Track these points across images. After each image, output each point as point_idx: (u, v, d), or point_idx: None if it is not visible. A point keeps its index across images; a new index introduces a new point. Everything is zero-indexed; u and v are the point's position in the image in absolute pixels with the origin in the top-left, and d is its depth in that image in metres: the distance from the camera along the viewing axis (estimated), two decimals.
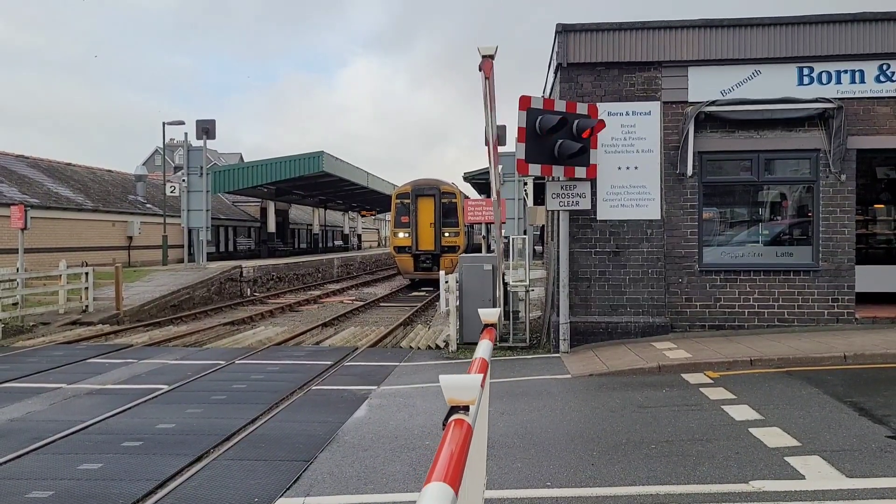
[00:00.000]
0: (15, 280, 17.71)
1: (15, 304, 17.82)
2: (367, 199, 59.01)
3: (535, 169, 11.88)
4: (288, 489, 6.17)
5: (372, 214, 76.20)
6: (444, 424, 2.70)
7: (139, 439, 7.79)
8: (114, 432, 8.11)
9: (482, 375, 3.42)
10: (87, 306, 19.29)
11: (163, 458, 7.10)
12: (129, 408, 9.27)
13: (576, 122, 11.82)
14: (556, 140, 11.73)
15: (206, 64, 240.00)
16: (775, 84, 12.40)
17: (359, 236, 74.51)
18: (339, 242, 70.93)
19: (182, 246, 36.80)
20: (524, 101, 11.67)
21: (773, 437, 7.01)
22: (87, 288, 19.41)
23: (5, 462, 6.98)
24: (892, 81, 12.25)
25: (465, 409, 2.77)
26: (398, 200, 32.45)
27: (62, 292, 19.04)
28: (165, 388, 10.51)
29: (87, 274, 19.41)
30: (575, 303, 12.59)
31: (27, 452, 7.30)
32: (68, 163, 39.71)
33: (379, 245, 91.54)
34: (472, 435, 2.72)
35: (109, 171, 43.95)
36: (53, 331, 17.20)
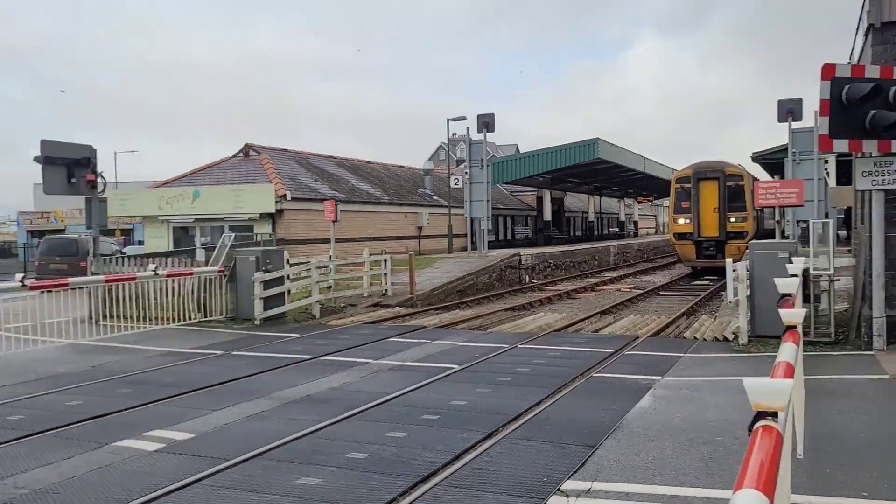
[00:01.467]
0: (328, 266, 20.10)
1: (329, 288, 20.24)
2: (643, 184, 57.44)
3: (840, 145, 10.68)
4: (574, 472, 6.28)
5: (648, 200, 74.01)
6: (749, 430, 2.58)
7: (436, 413, 8.43)
8: (414, 405, 8.87)
9: (792, 381, 3.20)
10: (386, 290, 21.28)
11: (457, 432, 7.61)
12: (426, 384, 10.06)
13: (893, 88, 10.38)
14: (868, 111, 10.41)
15: (493, 60, 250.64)
16: None
17: (635, 223, 72.88)
18: (614, 230, 70.00)
19: (465, 235, 38.94)
20: (827, 70, 10.52)
21: None
22: (385, 274, 21.41)
23: (329, 425, 7.99)
24: None
25: (774, 415, 2.61)
26: (678, 185, 31.14)
27: (365, 277, 21.21)
28: (456, 367, 11.23)
29: (385, 261, 21.41)
30: (892, 294, 11.11)
31: (345, 418, 8.27)
32: (367, 161, 44.04)
33: (656, 232, 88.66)
34: (782, 444, 2.56)
35: (401, 166, 47.94)
36: (359, 312, 19.23)
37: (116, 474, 6.47)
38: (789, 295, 4.53)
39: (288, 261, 18.02)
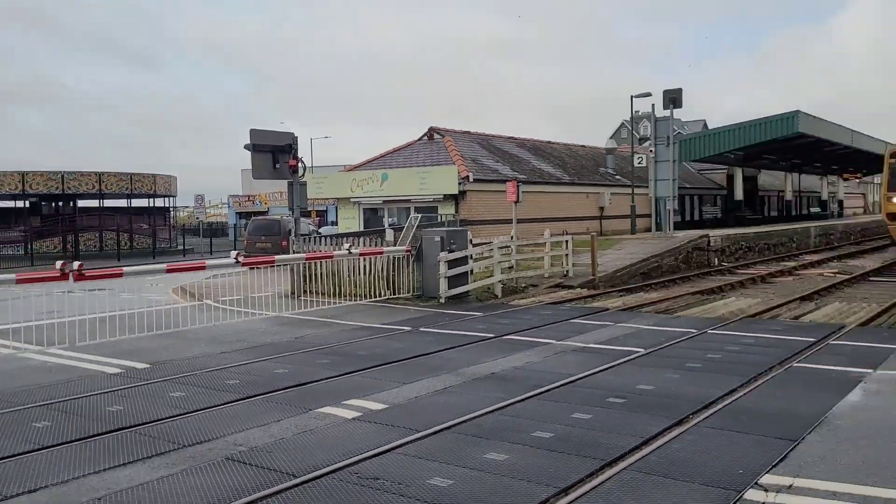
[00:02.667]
0: (510, 247, 20.31)
1: (510, 268, 20.47)
2: (850, 160, 52.49)
3: None
4: (774, 466, 5.94)
5: (857, 177, 67.53)
6: None
7: (621, 397, 8.30)
8: (599, 387, 8.79)
9: None
10: (567, 271, 21.17)
11: (644, 417, 7.45)
12: (611, 367, 9.92)
13: None
14: None
15: (685, 31, 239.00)
16: None
17: (839, 202, 66.80)
18: (815, 209, 64.59)
19: (649, 215, 37.72)
20: None
21: None
22: (567, 255, 21.28)
23: (513, 403, 8.12)
24: None
25: None
26: (893, 160, 28.15)
27: (546, 258, 21.21)
28: (641, 351, 10.97)
29: (566, 242, 21.28)
30: None
31: (529, 397, 8.37)
32: (548, 141, 43.84)
33: (864, 212, 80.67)
34: None
35: (583, 146, 47.24)
36: (540, 292, 19.28)
37: (321, 437, 7.01)
38: None
39: (471, 241, 18.43)
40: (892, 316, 14.51)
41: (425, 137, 36.52)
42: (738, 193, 47.97)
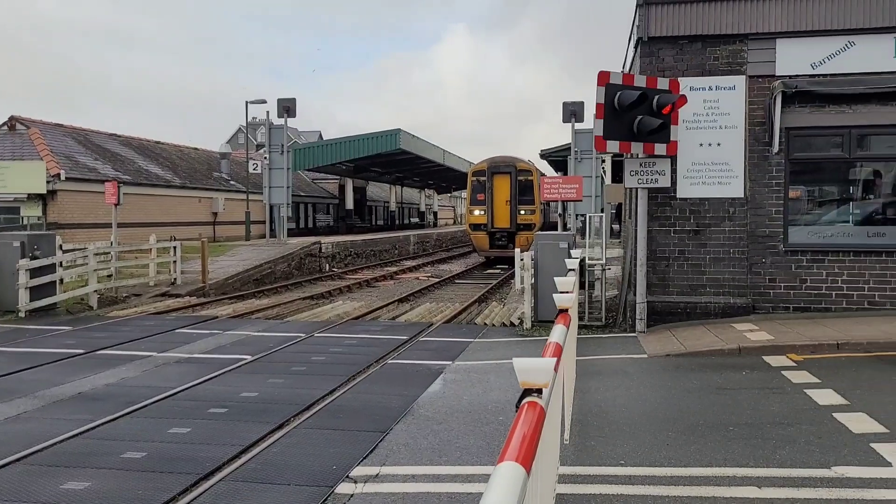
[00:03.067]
0: (109, 253, 18.64)
1: (109, 276, 18.77)
2: (443, 176, 59.24)
3: (613, 146, 11.68)
4: (364, 458, 6.36)
5: (448, 192, 76.47)
6: (517, 406, 2.74)
7: (224, 406, 8.14)
8: (201, 399, 8.50)
9: (556, 359, 3.44)
10: (175, 279, 20.15)
11: (246, 425, 7.41)
12: (215, 376, 9.68)
13: (656, 97, 11.53)
14: (636, 116, 11.48)
15: (309, 43, 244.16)
16: (870, 56, 11.78)
17: (434, 213, 74.99)
18: (415, 219, 71.56)
19: (264, 222, 37.87)
20: (603, 77, 11.46)
21: (859, 422, 6.77)
22: (175, 261, 20.26)
23: (102, 424, 7.43)
24: None
25: (538, 391, 2.81)
26: (474, 178, 32.46)
27: (152, 265, 19.94)
28: (249, 358, 10.92)
29: (174, 248, 20.25)
30: (652, 282, 12.39)
31: (122, 416, 7.74)
32: (157, 141, 41.33)
33: (454, 222, 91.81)
34: (544, 418, 2.75)
35: (196, 148, 45.53)
36: (144, 302, 18.04)
37: None
38: (567, 311, 4.90)
39: (60, 246, 16.49)
40: (469, 313, 16.68)
41: (5, 127, 31.67)
42: (349, 203, 50.92)
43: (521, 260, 14.01)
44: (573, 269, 9.68)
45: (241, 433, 7.12)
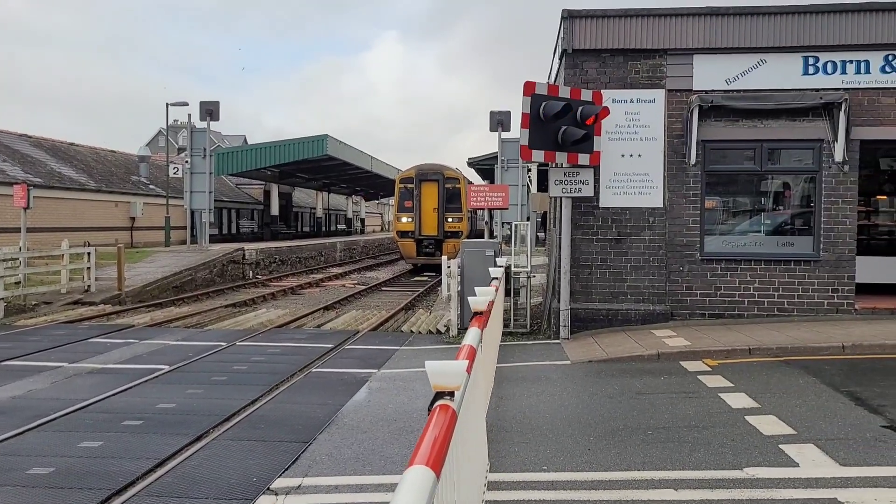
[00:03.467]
0: (17, 259, 17.76)
1: (17, 283, 17.88)
2: (370, 183, 58.94)
3: (538, 155, 11.87)
4: (286, 469, 6.23)
5: (375, 199, 76.14)
6: (429, 409, 2.73)
7: (139, 418, 7.85)
8: (114, 411, 8.18)
9: (468, 362, 3.45)
10: (89, 286, 19.36)
11: (163, 437, 7.16)
12: (130, 387, 9.33)
13: (580, 108, 11.79)
14: (560, 126, 11.70)
15: (236, 45, 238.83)
16: (780, 73, 12.36)
17: (362, 220, 74.51)
18: (342, 226, 70.93)
19: (185, 227, 36.78)
20: (528, 87, 11.63)
21: (769, 424, 7.05)
22: (89, 268, 19.47)
23: (7, 439, 7.05)
24: None
25: (451, 394, 2.80)
26: (402, 185, 32.42)
27: (64, 272, 19.11)
28: (166, 368, 10.57)
29: (89, 254, 19.46)
30: (576, 289, 12.62)
31: (28, 430, 7.36)
32: (71, 143, 39.69)
33: (382, 229, 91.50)
34: (456, 420, 2.74)
35: (113, 151, 43.93)
36: (55, 310, 17.27)
37: None
38: (481, 314, 4.92)
39: None
40: (396, 321, 16.61)
41: None
42: (275, 209, 50.01)
43: (448, 267, 14.06)
44: (496, 278, 9.79)
45: (157, 446, 6.88)
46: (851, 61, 12.26)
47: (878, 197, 15.07)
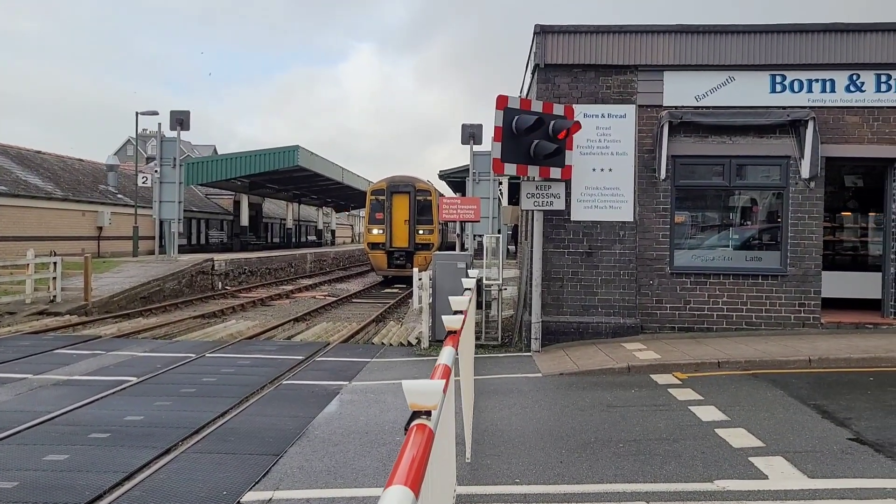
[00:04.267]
0: None
1: None
2: (341, 194, 58.73)
3: (510, 168, 11.94)
4: (257, 483, 6.16)
5: (346, 210, 75.88)
6: (405, 429, 2.73)
7: (106, 431, 7.71)
8: (81, 424, 8.02)
9: (444, 381, 3.45)
10: (54, 296, 19.00)
11: (130, 451, 7.04)
12: (97, 399, 9.16)
13: (552, 122, 11.89)
14: (532, 140, 11.79)
15: (213, 55, 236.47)
16: (748, 91, 12.61)
17: (332, 232, 74.19)
18: (312, 238, 70.52)
19: (153, 237, 36.30)
20: (501, 101, 11.71)
21: (738, 437, 7.13)
22: (55, 278, 19.12)
23: None
24: (862, 91, 12.51)
25: (427, 414, 2.80)
26: (373, 197, 32.39)
27: (29, 282, 18.74)
28: (134, 380, 10.40)
29: (55, 263, 19.12)
30: (547, 302, 12.69)
31: None
32: (38, 150, 39.03)
33: (353, 241, 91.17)
34: (433, 440, 2.74)
35: (80, 160, 43.29)
36: (20, 320, 16.91)
37: None
38: (456, 332, 4.93)
39: None
40: (367, 333, 16.55)
41: None
42: (245, 219, 49.60)
43: (420, 279, 14.05)
44: (469, 289, 9.79)
45: (125, 459, 6.76)
46: (817, 80, 12.55)
47: (843, 213, 15.41)
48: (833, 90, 12.54)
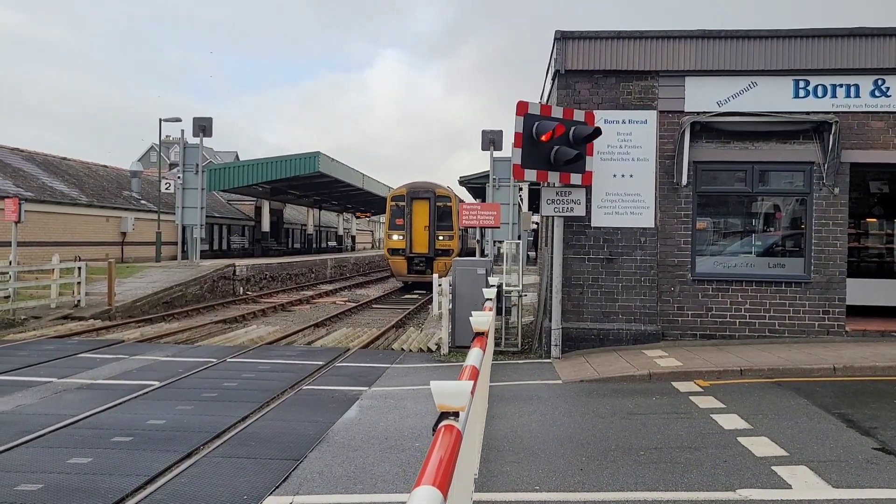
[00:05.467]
0: (7, 273, 17.65)
1: (7, 298, 17.76)
2: (361, 200, 58.97)
3: (530, 174, 11.93)
4: (277, 487, 6.18)
5: (366, 216, 76.14)
6: (434, 430, 2.73)
7: (129, 434, 7.78)
8: (104, 427, 8.11)
9: (472, 382, 3.45)
10: (79, 301, 19.24)
11: (153, 454, 7.10)
12: (120, 403, 9.26)
13: (572, 128, 11.87)
14: (553, 146, 11.77)
15: (241, 63, 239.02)
16: (771, 96, 12.49)
17: (353, 237, 74.47)
18: (332, 243, 70.85)
19: (176, 243, 36.69)
20: (521, 107, 11.71)
21: (761, 446, 7.05)
22: (79, 283, 19.36)
23: None
24: (887, 96, 12.36)
25: (455, 415, 2.80)
26: (393, 203, 32.46)
27: (54, 286, 18.99)
28: (156, 384, 10.50)
29: (79, 269, 19.36)
30: (567, 309, 12.64)
31: (17, 445, 7.29)
32: (63, 157, 39.63)
33: (373, 247, 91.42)
34: (461, 441, 2.74)
35: (105, 166, 43.87)
36: (45, 325, 17.14)
37: None
38: (483, 334, 4.95)
39: None
40: (387, 338, 16.57)
41: None
42: (266, 225, 49.95)
43: (439, 285, 14.07)
44: (490, 299, 9.79)
45: (147, 463, 6.82)
46: (841, 85, 12.42)
47: (868, 219, 15.21)
48: (858, 95, 12.40)
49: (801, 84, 12.48)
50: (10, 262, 18.91)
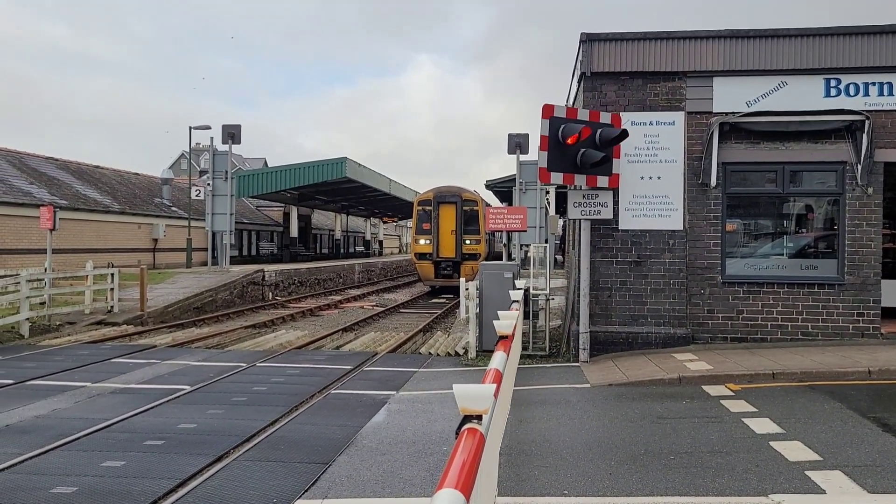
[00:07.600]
0: (42, 280, 18.00)
1: (42, 304, 18.11)
2: (388, 205, 59.18)
3: (556, 178, 11.89)
4: (306, 491, 6.23)
5: (394, 221, 76.40)
6: (457, 433, 2.73)
7: (161, 438, 7.89)
8: (136, 431, 8.23)
9: (496, 386, 3.45)
10: (112, 307, 19.56)
11: (184, 458, 7.19)
12: (152, 407, 9.39)
13: (599, 131, 11.81)
14: (579, 149, 11.72)
15: (277, 69, 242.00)
16: (801, 95, 12.32)
17: (380, 242, 74.72)
18: (360, 248, 71.18)
19: (206, 249, 37.18)
20: (547, 110, 11.68)
21: (794, 450, 6.94)
22: (112, 289, 19.68)
23: (31, 458, 7.11)
24: None
25: (479, 418, 2.80)
26: (420, 207, 32.55)
27: (88, 293, 19.32)
28: (187, 388, 10.63)
29: (112, 275, 19.69)
30: (595, 312, 12.56)
31: (52, 449, 7.42)
32: (96, 165, 40.33)
33: (400, 251, 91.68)
34: (484, 444, 2.74)
35: (136, 173, 44.57)
36: (79, 330, 17.45)
37: None
38: (507, 337, 4.94)
39: None
40: (414, 343, 16.61)
41: None
42: (294, 230, 50.35)
43: (466, 289, 14.06)
44: (517, 301, 9.76)
45: (179, 466, 6.91)
46: (874, 83, 12.20)
47: None
48: (891, 93, 12.17)
49: (833, 83, 12.29)
50: (46, 269, 19.28)
